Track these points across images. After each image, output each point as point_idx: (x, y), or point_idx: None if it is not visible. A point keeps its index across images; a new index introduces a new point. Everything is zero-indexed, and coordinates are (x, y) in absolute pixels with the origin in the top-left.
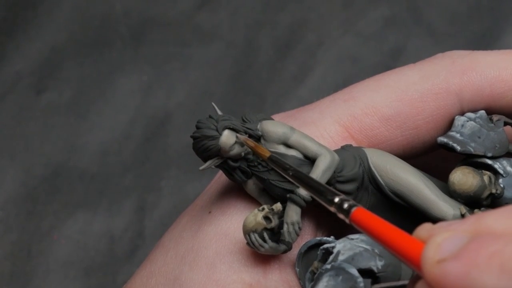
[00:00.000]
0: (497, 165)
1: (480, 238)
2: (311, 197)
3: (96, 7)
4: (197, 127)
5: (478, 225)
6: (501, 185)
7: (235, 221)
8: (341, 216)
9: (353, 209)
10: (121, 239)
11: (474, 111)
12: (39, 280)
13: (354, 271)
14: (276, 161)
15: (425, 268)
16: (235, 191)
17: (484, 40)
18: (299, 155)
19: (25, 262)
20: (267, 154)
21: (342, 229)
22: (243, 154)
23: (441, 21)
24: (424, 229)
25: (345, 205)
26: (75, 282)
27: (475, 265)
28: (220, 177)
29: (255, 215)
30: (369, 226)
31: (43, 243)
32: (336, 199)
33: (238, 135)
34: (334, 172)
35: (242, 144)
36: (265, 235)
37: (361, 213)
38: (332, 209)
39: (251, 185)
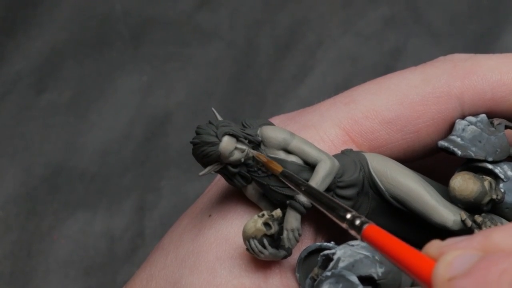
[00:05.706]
0: (497, 170)
1: (490, 256)
2: (311, 203)
3: (96, 7)
4: (197, 133)
5: (486, 243)
6: (502, 190)
7: (235, 225)
8: (352, 232)
9: (365, 226)
10: (121, 239)
11: (475, 114)
12: (39, 280)
13: (355, 279)
14: (288, 177)
15: (436, 286)
16: (235, 194)
17: (484, 40)
18: (299, 161)
19: (25, 262)
20: (280, 170)
21: (341, 235)
22: (242, 159)
23: (441, 21)
24: (433, 246)
25: (357, 222)
26: (75, 282)
27: (485, 282)
28: (220, 179)
29: (255, 222)
30: (381, 243)
31: (43, 243)
32: (348, 216)
33: (250, 150)
34: (335, 177)
35: (242, 150)
36: (265, 241)
37: (373, 230)
38: (344, 225)
39: (251, 190)
